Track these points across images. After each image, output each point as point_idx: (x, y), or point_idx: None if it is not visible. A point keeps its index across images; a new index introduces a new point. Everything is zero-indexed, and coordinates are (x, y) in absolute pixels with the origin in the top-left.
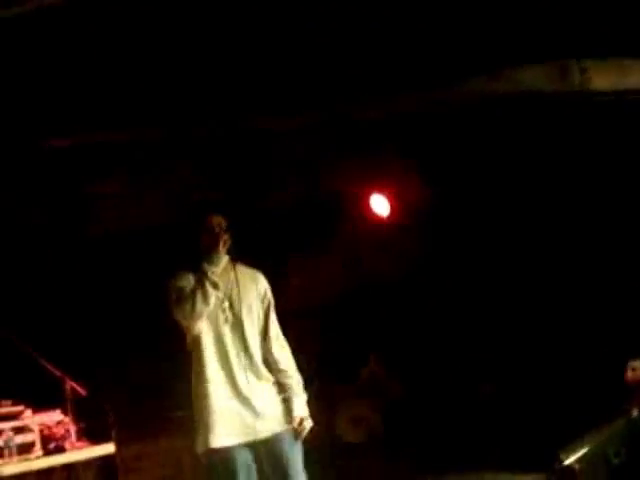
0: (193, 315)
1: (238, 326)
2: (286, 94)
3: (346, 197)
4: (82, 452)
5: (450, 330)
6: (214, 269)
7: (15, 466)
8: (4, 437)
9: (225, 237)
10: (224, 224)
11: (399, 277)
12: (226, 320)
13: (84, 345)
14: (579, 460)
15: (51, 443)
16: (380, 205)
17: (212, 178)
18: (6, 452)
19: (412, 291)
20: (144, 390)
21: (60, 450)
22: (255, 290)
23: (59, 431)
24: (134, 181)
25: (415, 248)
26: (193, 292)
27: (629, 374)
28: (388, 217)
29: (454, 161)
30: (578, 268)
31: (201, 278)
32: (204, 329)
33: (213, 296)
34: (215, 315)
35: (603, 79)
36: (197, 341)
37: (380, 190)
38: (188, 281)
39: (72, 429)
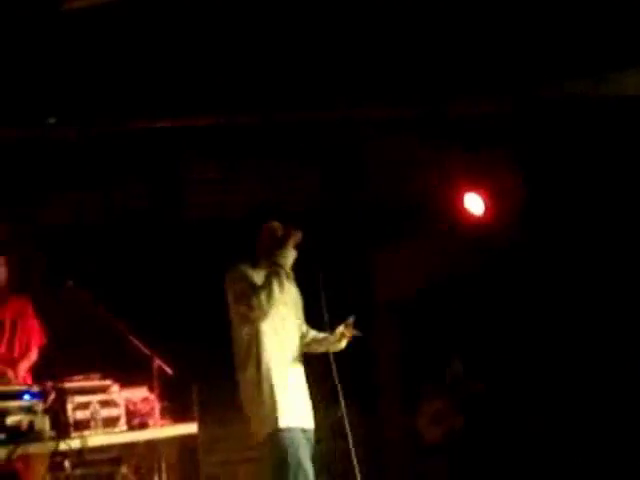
0: (269, 303)
1: (292, 319)
2: (387, 85)
3: (439, 193)
4: (165, 430)
5: (533, 331)
6: (287, 262)
7: (100, 438)
8: (91, 409)
9: (295, 234)
10: (290, 225)
11: (485, 275)
12: (284, 314)
13: (174, 325)
14: None
15: (135, 419)
16: (474, 204)
17: (307, 167)
18: (92, 424)
19: (497, 290)
20: (230, 373)
21: (144, 426)
22: (295, 288)
23: (144, 407)
24: (231, 167)
25: (507, 250)
26: (269, 282)
27: None
28: (482, 216)
29: (553, 162)
30: None
31: (277, 270)
32: (271, 320)
33: (287, 287)
34: (282, 307)
35: None
36: (260, 330)
37: (475, 189)
38: (254, 274)
39: (157, 406)
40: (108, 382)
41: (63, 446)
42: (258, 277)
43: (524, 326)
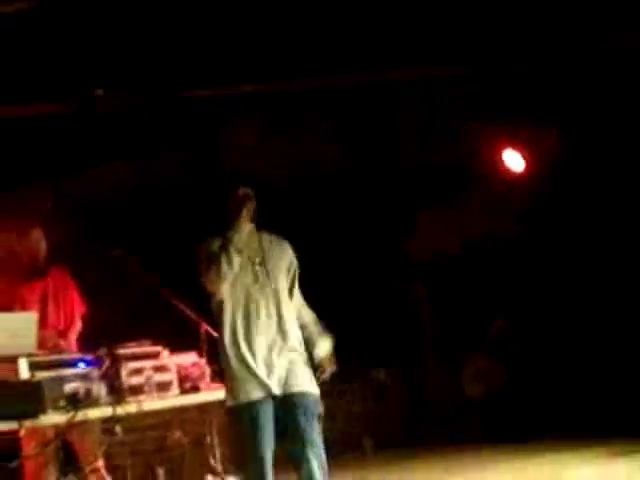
0: (219, 278)
1: (267, 289)
2: (417, 45)
3: (479, 152)
4: (215, 393)
5: (572, 290)
6: (237, 235)
7: (154, 402)
8: (145, 375)
9: (249, 206)
10: (251, 194)
11: (523, 235)
12: (255, 281)
13: None
14: None
15: (187, 383)
16: (514, 161)
17: (342, 132)
18: (146, 389)
19: (534, 249)
20: None
21: (195, 390)
22: (282, 258)
23: (195, 372)
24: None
25: (544, 207)
26: (218, 256)
27: None
28: (522, 173)
29: (592, 118)
30: None
31: (225, 244)
32: (233, 292)
33: (236, 261)
34: (244, 278)
35: None
36: (223, 304)
37: (514, 146)
38: (215, 249)
39: (207, 371)
40: (159, 348)
41: (120, 411)
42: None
43: (563, 285)
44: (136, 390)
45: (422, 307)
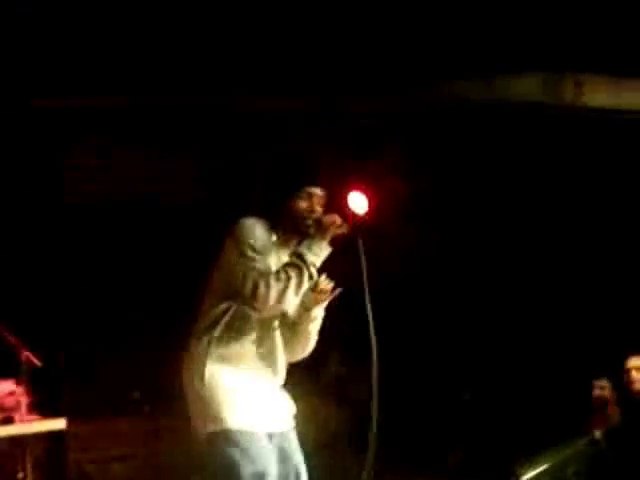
0: (279, 303)
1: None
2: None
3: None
4: (32, 425)
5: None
6: (315, 261)
7: None
8: None
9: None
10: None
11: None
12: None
13: (46, 314)
14: (536, 477)
15: (0, 413)
16: (358, 203)
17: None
18: None
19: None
20: (101, 368)
21: (9, 421)
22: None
23: (10, 402)
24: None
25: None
26: (287, 277)
27: (596, 393)
28: (365, 216)
29: (438, 164)
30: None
31: (299, 265)
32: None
33: (304, 292)
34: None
35: (598, 95)
36: (238, 312)
37: (359, 188)
38: (273, 248)
39: (24, 401)
40: None
41: None
42: (275, 255)
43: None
44: None
45: None
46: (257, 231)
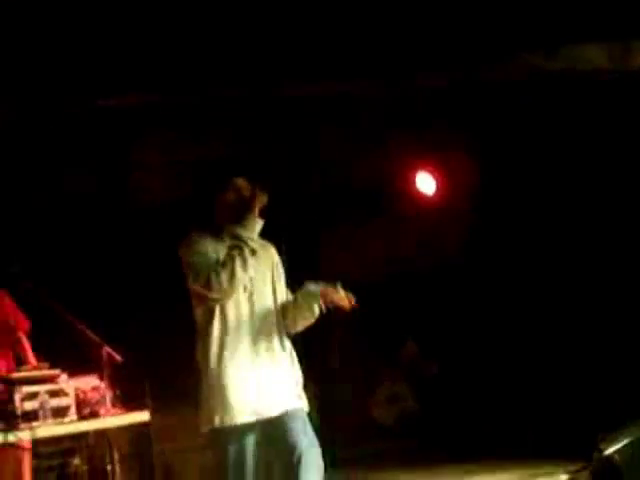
0: (232, 284)
1: (256, 296)
2: (334, 61)
3: (391, 174)
4: (116, 418)
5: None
6: (251, 235)
7: (49, 429)
8: (40, 400)
9: (262, 198)
10: (257, 186)
11: (437, 259)
12: (245, 289)
13: (125, 313)
14: (620, 451)
15: (86, 408)
16: (426, 183)
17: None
18: (41, 414)
19: (450, 274)
20: (182, 360)
21: (94, 415)
22: (269, 260)
23: (94, 396)
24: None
25: (458, 230)
26: (231, 259)
27: None
28: (434, 196)
29: (505, 138)
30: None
31: (239, 244)
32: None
33: (251, 264)
34: (258, 284)
35: None
36: (213, 312)
37: (427, 168)
38: (210, 248)
39: (107, 395)
40: (56, 371)
41: (12, 438)
42: (219, 250)
43: (477, 307)
44: (30, 416)
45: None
46: (193, 245)
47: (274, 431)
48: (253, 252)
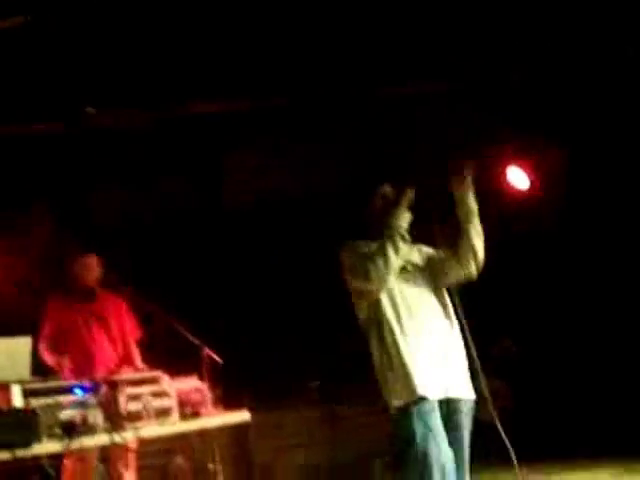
0: (387, 271)
1: (419, 282)
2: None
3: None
4: (217, 418)
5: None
6: (402, 223)
7: (153, 429)
8: (143, 401)
9: (410, 194)
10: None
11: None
12: (402, 271)
13: (221, 313)
14: None
15: (187, 408)
16: (518, 178)
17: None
18: (144, 415)
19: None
20: (281, 359)
21: (196, 415)
22: (419, 250)
23: (195, 397)
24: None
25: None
26: (383, 249)
27: None
28: (527, 190)
29: (595, 132)
30: None
31: (390, 234)
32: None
33: (402, 249)
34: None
35: None
36: (379, 301)
37: (518, 162)
38: (368, 246)
39: (208, 396)
40: (158, 373)
41: (117, 439)
42: (372, 248)
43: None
44: (134, 417)
45: None
46: (353, 249)
47: (452, 415)
48: (403, 238)
